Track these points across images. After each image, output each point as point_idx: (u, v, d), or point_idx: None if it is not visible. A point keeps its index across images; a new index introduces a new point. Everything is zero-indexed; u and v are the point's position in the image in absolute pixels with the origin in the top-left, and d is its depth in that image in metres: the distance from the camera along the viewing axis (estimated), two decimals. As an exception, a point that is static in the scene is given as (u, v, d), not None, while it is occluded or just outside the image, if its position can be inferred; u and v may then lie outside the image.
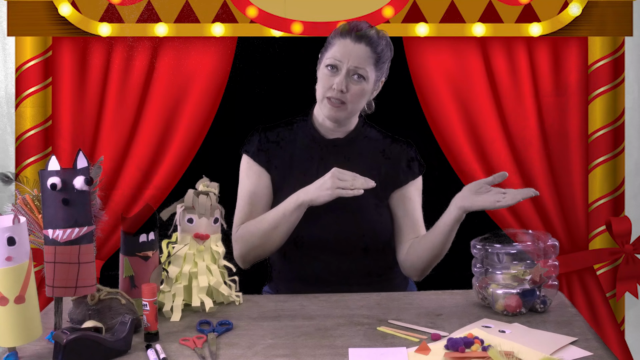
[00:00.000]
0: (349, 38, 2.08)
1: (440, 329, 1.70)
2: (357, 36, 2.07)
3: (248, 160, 2.19)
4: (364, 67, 2.07)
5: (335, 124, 2.15)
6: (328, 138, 2.18)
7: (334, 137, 2.17)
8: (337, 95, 2.06)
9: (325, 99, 2.09)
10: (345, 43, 2.08)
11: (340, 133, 2.17)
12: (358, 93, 2.08)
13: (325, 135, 2.18)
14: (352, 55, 2.06)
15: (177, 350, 1.60)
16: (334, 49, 2.09)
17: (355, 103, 2.10)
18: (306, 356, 1.56)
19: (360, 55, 2.06)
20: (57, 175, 1.59)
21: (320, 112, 2.16)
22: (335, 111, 2.09)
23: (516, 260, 1.82)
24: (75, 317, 1.68)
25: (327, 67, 2.08)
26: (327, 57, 2.10)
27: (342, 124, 2.16)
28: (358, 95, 2.09)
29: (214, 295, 1.90)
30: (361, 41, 2.07)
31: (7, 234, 1.48)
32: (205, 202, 1.87)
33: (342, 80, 2.05)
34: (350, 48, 2.07)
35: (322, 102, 2.10)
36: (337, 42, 2.09)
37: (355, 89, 2.07)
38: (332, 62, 2.07)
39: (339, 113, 2.10)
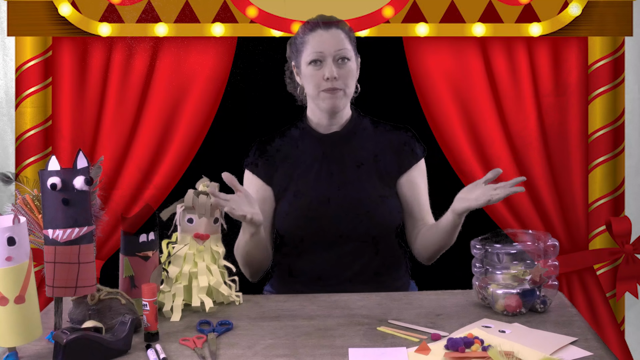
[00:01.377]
0: (319, 29, 2.13)
1: (440, 329, 1.70)
2: (325, 24, 2.13)
3: (249, 174, 2.21)
4: (345, 47, 2.11)
5: (333, 118, 2.16)
6: (326, 134, 2.19)
7: (333, 132, 2.18)
8: (331, 84, 2.09)
9: (321, 92, 2.10)
10: (319, 34, 2.12)
11: (337, 127, 2.18)
12: (348, 75, 2.11)
13: (323, 132, 2.19)
14: (330, 41, 2.10)
15: (177, 350, 1.60)
16: (310, 45, 2.12)
17: (349, 86, 2.13)
18: (306, 356, 1.56)
19: (337, 38, 2.11)
20: (57, 175, 1.59)
21: (313, 114, 2.18)
22: (334, 99, 2.11)
23: (516, 260, 1.82)
24: (75, 317, 1.68)
25: (310, 65, 2.11)
26: (306, 55, 2.12)
27: (338, 116, 2.16)
28: (349, 77, 2.11)
29: (214, 295, 1.90)
30: (330, 27, 2.13)
31: (7, 234, 1.48)
32: (205, 202, 1.87)
33: (331, 67, 2.08)
34: (326, 36, 2.11)
35: (319, 97, 2.12)
36: (310, 38, 2.13)
37: (344, 72, 2.10)
38: (314, 56, 2.10)
39: (338, 101, 2.11)
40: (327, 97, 2.11)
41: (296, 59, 2.17)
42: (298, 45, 2.16)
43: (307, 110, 2.22)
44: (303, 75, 2.15)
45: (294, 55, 2.19)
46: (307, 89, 2.15)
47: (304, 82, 2.16)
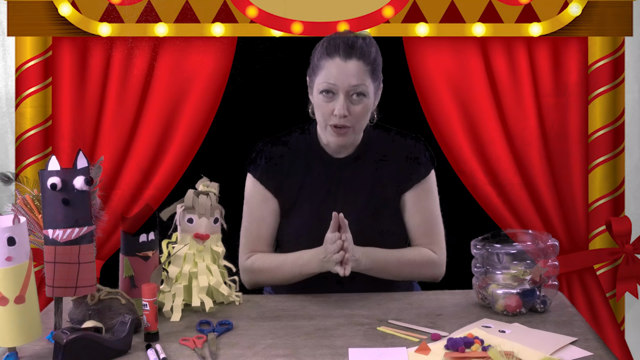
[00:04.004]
0: (337, 57, 1.95)
1: (440, 329, 1.70)
2: (345, 52, 1.94)
3: (254, 182, 2.12)
4: (363, 83, 1.95)
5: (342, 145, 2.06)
6: (337, 157, 2.09)
7: (344, 156, 2.09)
8: (340, 121, 1.96)
9: (329, 126, 1.99)
10: (336, 63, 1.95)
11: (349, 150, 2.09)
12: (361, 112, 1.98)
13: (333, 154, 2.09)
14: (346, 75, 1.93)
15: (177, 350, 1.60)
16: (325, 72, 1.96)
17: (360, 122, 2.00)
18: (306, 356, 1.56)
19: (355, 72, 1.94)
20: (57, 175, 1.59)
21: (322, 133, 2.06)
22: (342, 138, 2.00)
23: (516, 260, 1.82)
24: (75, 317, 1.68)
25: (322, 93, 1.97)
26: (318, 82, 1.97)
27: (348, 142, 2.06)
28: (362, 115, 1.99)
29: (214, 295, 1.90)
30: (351, 57, 1.94)
31: (7, 234, 1.48)
32: (205, 202, 1.87)
33: (342, 104, 1.94)
34: (342, 67, 1.94)
35: (326, 130, 2.01)
36: (327, 65, 1.96)
37: (358, 109, 1.97)
38: (326, 87, 1.96)
39: (345, 138, 2.01)
40: (333, 134, 2.00)
41: (311, 80, 2.04)
42: (314, 65, 2.02)
43: (318, 127, 2.09)
44: (314, 100, 2.03)
45: (310, 71, 2.04)
46: (317, 116, 2.03)
47: (315, 107, 2.04)
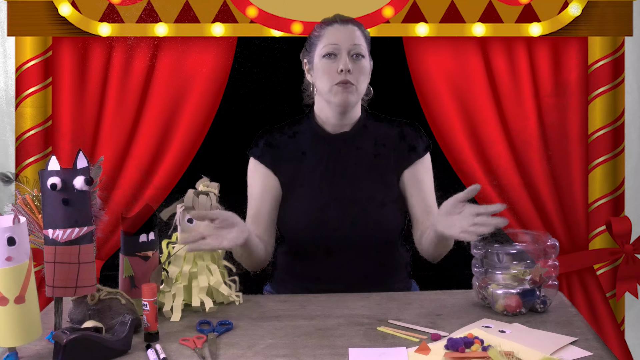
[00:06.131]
0: (336, 24, 2.12)
1: (440, 329, 1.70)
2: (342, 21, 2.12)
3: (255, 162, 2.18)
4: (360, 44, 2.09)
5: (343, 116, 2.13)
6: (335, 133, 2.16)
7: (342, 132, 2.16)
8: (345, 77, 2.06)
9: (334, 86, 2.08)
10: (336, 28, 2.11)
11: (346, 127, 2.16)
12: (362, 71, 2.09)
13: (331, 131, 2.16)
14: (346, 36, 2.09)
15: (177, 350, 1.60)
16: (326, 38, 2.10)
17: (361, 82, 2.10)
18: (306, 356, 1.56)
19: (353, 34, 2.10)
20: (57, 175, 1.59)
21: (322, 112, 2.15)
22: (347, 94, 2.08)
23: (516, 260, 1.82)
24: (75, 317, 1.68)
25: (324, 58, 2.09)
26: (320, 49, 2.10)
27: (348, 115, 2.14)
28: (362, 74, 2.09)
29: (214, 295, 1.90)
30: (348, 24, 2.12)
31: (7, 234, 1.48)
32: (205, 202, 1.87)
33: (346, 60, 2.06)
34: (342, 30, 2.10)
35: (331, 92, 2.08)
36: (326, 32, 2.11)
37: (358, 67, 2.08)
38: (329, 49, 2.09)
39: (350, 96, 2.08)
40: (339, 91, 2.07)
41: (309, 55, 2.15)
42: (313, 40, 2.14)
43: (315, 108, 2.18)
44: (316, 69, 2.12)
45: (307, 51, 2.16)
46: (319, 84, 2.11)
47: (316, 77, 2.12)
